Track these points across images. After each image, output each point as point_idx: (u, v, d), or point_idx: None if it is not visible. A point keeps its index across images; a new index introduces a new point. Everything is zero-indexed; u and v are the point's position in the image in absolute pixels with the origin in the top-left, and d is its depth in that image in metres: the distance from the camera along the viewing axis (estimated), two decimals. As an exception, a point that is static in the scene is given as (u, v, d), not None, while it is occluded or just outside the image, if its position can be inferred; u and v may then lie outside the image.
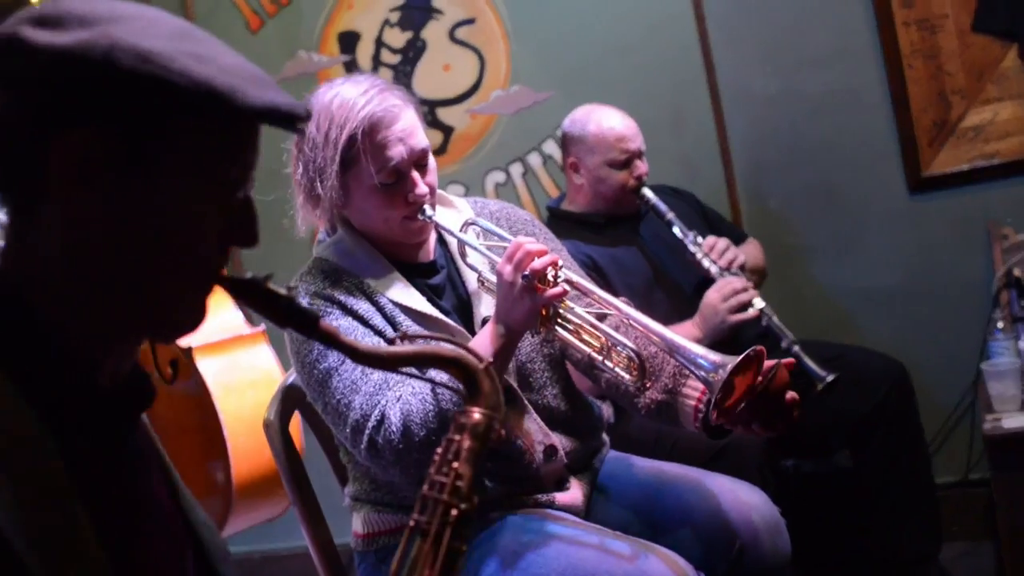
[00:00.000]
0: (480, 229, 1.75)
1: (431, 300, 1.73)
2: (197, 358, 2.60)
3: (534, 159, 3.31)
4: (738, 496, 1.68)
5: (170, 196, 0.84)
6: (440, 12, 3.35)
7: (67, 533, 0.78)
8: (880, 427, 2.56)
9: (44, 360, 0.83)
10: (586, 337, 1.64)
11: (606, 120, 2.64)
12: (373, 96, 1.66)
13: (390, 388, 1.60)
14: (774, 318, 2.48)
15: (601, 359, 1.63)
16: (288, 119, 0.87)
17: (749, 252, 2.74)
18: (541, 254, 1.55)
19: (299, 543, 1.79)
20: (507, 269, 1.56)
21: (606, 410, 2.18)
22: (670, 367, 1.67)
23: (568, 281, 1.60)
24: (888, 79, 2.95)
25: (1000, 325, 2.62)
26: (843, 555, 2.65)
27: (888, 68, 2.94)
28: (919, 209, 2.97)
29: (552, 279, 1.57)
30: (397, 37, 3.40)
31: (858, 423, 2.58)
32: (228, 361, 2.67)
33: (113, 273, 0.84)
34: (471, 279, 1.77)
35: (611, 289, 2.14)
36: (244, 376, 2.67)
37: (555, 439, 1.73)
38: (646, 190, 2.64)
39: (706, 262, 2.55)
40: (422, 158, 1.70)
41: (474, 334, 1.68)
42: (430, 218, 1.70)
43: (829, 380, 2.38)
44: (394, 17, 3.39)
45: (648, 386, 1.65)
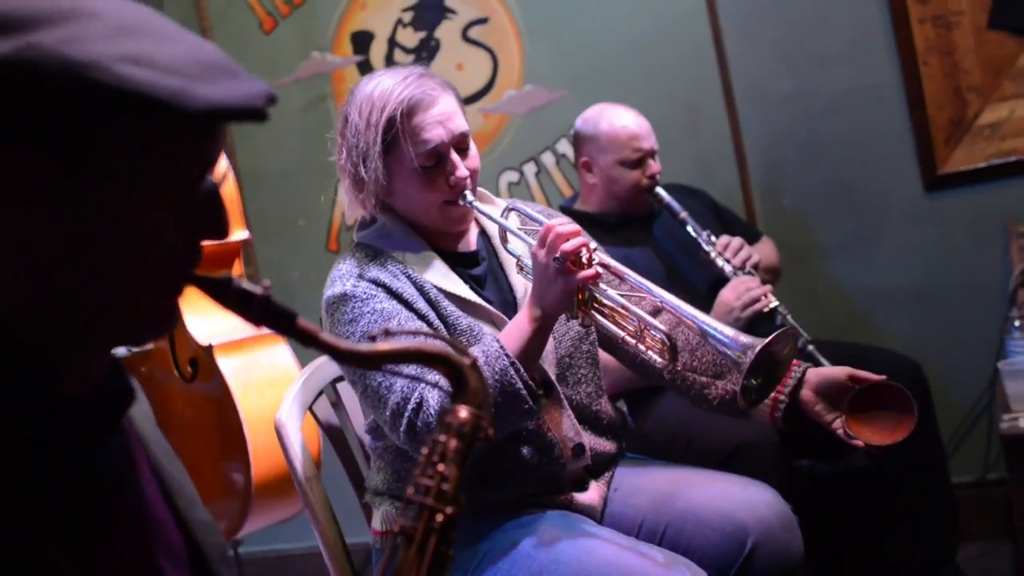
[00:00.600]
0: (521, 215, 1.78)
1: (473, 289, 1.74)
2: (217, 356, 2.59)
3: (547, 158, 3.31)
4: (749, 494, 1.68)
5: (120, 205, 0.78)
6: (453, 12, 3.36)
7: (18, 550, 0.74)
8: (896, 427, 2.55)
9: (1, 372, 0.78)
10: (621, 321, 1.64)
11: (619, 119, 2.63)
12: (412, 81, 1.70)
13: (430, 372, 1.60)
14: (788, 317, 2.47)
15: (635, 342, 1.63)
16: (246, 114, 0.78)
17: (763, 251, 2.73)
18: (573, 235, 1.56)
19: (315, 543, 1.79)
20: (540, 252, 1.58)
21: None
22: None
23: (602, 264, 1.61)
24: (903, 76, 2.93)
25: (1017, 323, 2.60)
26: (859, 556, 2.64)
27: (903, 65, 2.92)
28: (935, 207, 2.95)
29: (586, 261, 1.58)
30: (410, 37, 3.41)
31: (874, 423, 2.57)
32: (248, 360, 2.66)
33: (71, 287, 0.79)
34: (512, 269, 1.78)
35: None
36: (264, 375, 2.66)
37: (585, 437, 1.74)
38: (659, 189, 2.63)
39: (720, 261, 2.54)
40: (462, 142, 1.73)
41: None
42: (471, 203, 1.72)
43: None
44: (407, 17, 3.40)
45: (722, 376, 1.68)
